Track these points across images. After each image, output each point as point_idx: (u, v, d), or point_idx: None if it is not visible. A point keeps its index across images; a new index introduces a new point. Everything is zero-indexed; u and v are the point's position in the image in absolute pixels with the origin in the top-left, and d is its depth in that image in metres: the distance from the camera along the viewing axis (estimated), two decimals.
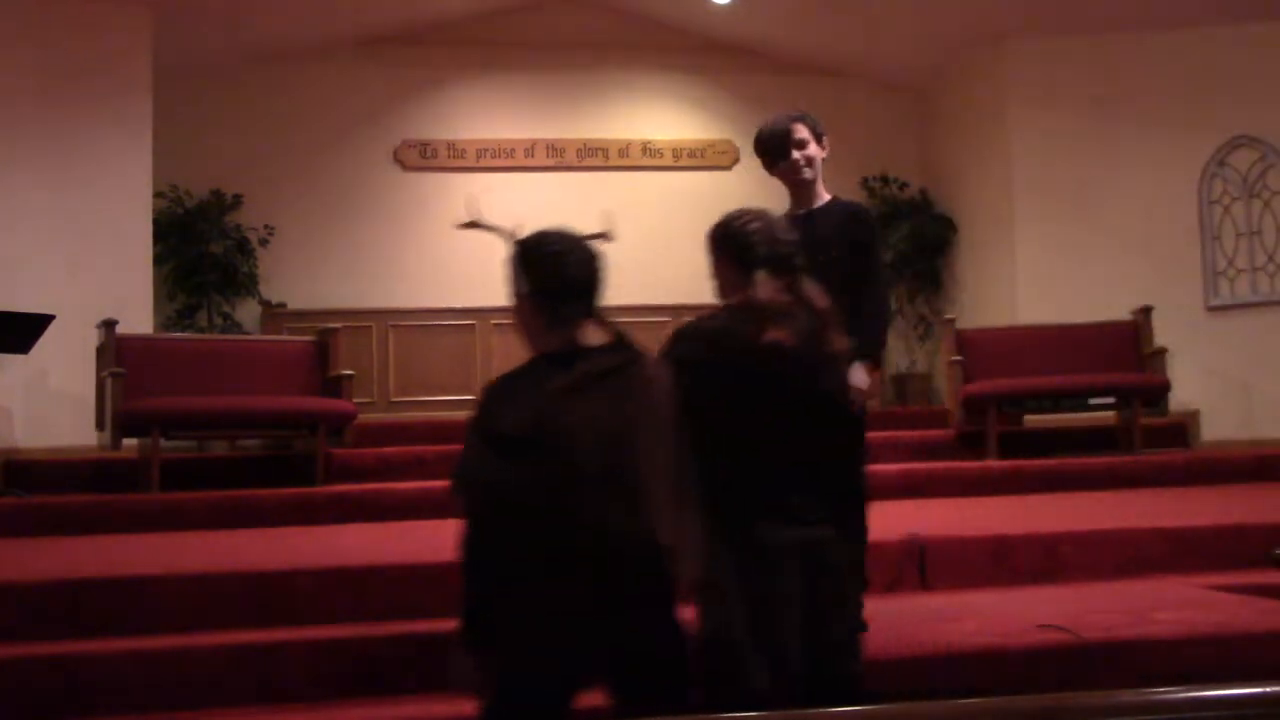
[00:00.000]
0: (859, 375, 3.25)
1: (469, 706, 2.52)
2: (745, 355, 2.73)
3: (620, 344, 2.52)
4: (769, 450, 2.73)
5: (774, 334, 2.71)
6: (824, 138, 3.66)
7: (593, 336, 2.52)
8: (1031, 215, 9.75)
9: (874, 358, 3.43)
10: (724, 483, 2.63)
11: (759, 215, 2.91)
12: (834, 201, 3.67)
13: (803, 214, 3.63)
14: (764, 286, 2.78)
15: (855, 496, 3.19)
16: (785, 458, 2.74)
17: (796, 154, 3.59)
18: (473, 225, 2.91)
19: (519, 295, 2.55)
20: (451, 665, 2.51)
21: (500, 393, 2.50)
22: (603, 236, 2.87)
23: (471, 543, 2.43)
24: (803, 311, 2.79)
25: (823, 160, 3.65)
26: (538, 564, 2.38)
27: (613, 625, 2.37)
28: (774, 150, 3.62)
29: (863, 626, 3.09)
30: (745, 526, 2.67)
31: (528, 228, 2.66)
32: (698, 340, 2.80)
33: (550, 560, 2.37)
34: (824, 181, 3.68)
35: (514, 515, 2.39)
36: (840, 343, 2.84)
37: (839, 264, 3.37)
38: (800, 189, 3.65)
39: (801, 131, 3.61)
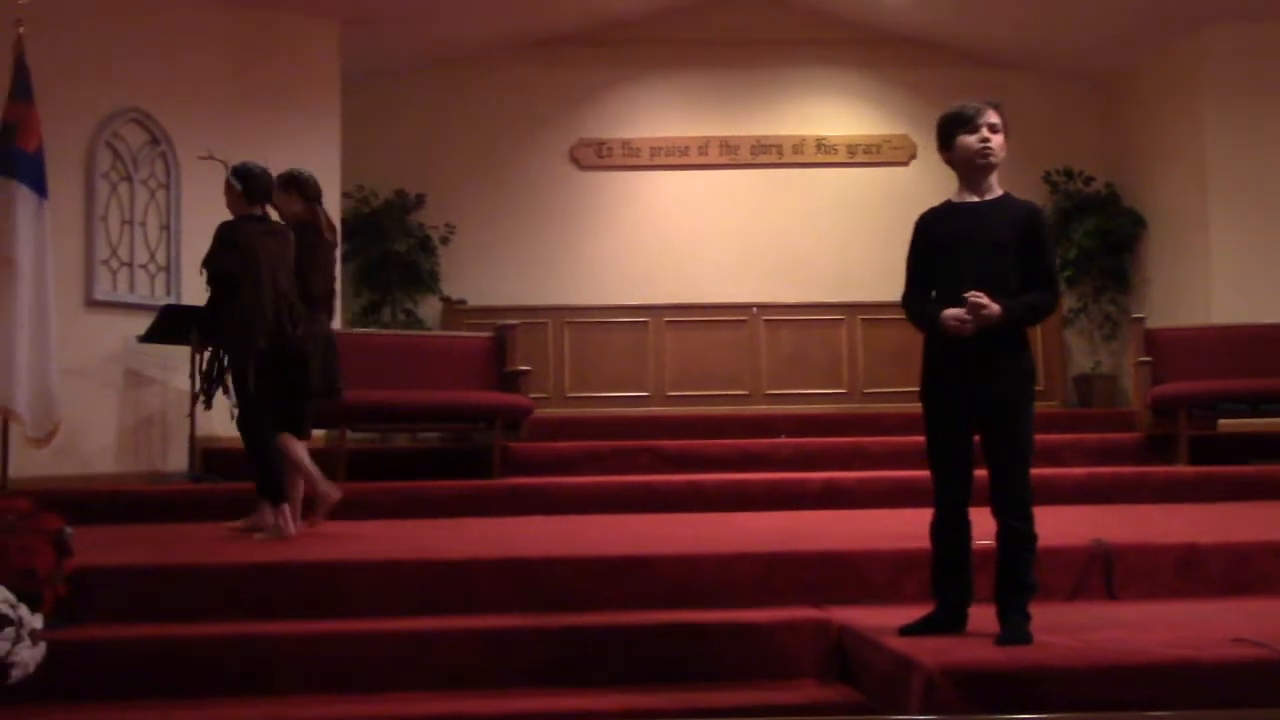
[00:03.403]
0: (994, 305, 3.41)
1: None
2: (313, 225, 5.68)
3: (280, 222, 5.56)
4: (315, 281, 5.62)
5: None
6: (1007, 137, 3.61)
7: (271, 212, 5.56)
8: (1229, 210, 9.30)
9: (1010, 311, 3.41)
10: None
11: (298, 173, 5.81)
12: (1007, 196, 3.60)
13: (976, 201, 3.56)
14: (297, 203, 5.68)
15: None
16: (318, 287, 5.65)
17: (987, 133, 3.53)
18: (209, 158, 5.85)
19: (234, 191, 5.41)
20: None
21: (226, 226, 5.36)
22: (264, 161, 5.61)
23: (213, 296, 5.35)
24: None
25: (1001, 156, 3.58)
26: (242, 303, 5.20)
27: (277, 339, 5.26)
28: (964, 122, 3.55)
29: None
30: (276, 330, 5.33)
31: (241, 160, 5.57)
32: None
33: (246, 302, 5.19)
34: (1000, 177, 3.61)
35: (228, 281, 5.24)
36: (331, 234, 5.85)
37: (1008, 257, 3.48)
38: (975, 174, 3.57)
39: (995, 117, 3.57)
